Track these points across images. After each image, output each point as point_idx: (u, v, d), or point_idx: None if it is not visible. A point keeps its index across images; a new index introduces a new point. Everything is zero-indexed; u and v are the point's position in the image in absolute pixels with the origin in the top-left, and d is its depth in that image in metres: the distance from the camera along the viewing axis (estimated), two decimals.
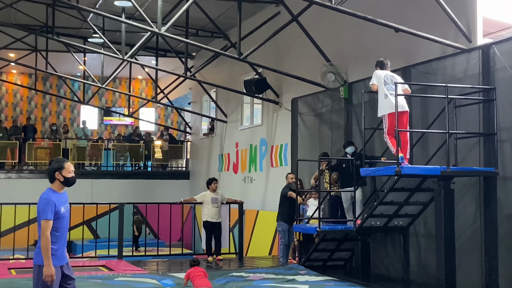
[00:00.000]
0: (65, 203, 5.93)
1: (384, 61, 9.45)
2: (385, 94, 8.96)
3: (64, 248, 5.91)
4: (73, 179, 5.94)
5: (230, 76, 18.49)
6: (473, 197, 9.17)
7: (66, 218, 5.89)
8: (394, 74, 9.32)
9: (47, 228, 5.70)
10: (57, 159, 6.16)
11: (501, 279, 8.62)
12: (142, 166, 23.41)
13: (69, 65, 23.64)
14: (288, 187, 12.27)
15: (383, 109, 9.04)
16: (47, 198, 5.79)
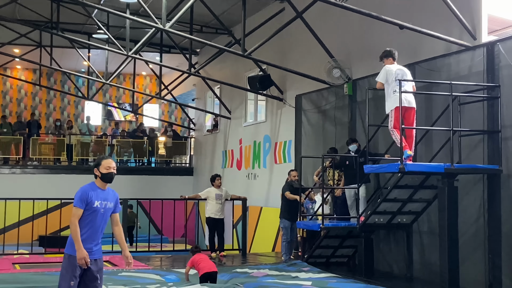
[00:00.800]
0: (104, 200, 6.03)
1: (393, 51, 9.24)
2: (394, 90, 8.81)
3: (92, 243, 5.96)
4: (110, 175, 6.11)
5: (234, 73, 18.50)
6: (476, 194, 9.17)
7: (100, 213, 5.98)
8: (404, 68, 9.18)
9: (74, 214, 5.89)
10: (100, 156, 6.30)
11: (504, 277, 8.63)
12: (146, 162, 23.45)
13: (73, 61, 23.68)
14: (290, 185, 12.27)
15: (393, 104, 8.81)
16: (82, 188, 6.03)
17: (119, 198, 6.32)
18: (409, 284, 9.53)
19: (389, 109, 8.95)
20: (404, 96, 8.73)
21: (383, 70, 9.10)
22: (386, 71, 9.04)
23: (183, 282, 9.17)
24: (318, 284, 9.09)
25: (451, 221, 8.58)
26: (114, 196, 6.17)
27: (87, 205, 5.90)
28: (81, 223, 5.90)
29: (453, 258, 8.54)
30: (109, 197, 6.09)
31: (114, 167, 6.14)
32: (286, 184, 12.41)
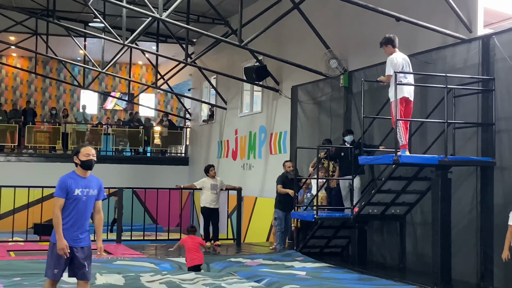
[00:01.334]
0: (85, 187, 6.08)
1: (393, 37, 9.07)
2: (399, 81, 8.69)
3: (78, 231, 6.05)
4: (89, 162, 6.14)
5: (230, 63, 18.51)
6: (470, 186, 9.24)
7: (82, 201, 6.05)
8: (407, 57, 9.05)
9: (55, 205, 5.97)
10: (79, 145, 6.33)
11: (496, 268, 8.72)
12: (141, 151, 23.47)
13: (69, 49, 23.64)
14: (284, 176, 12.31)
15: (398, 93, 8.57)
16: (61, 177, 6.08)
17: (114, 187, 6.35)
18: (402, 275, 9.61)
19: (393, 98, 8.68)
20: (408, 88, 8.76)
21: (389, 62, 8.85)
22: (392, 63, 8.79)
23: (178, 271, 9.23)
24: (312, 274, 9.16)
25: (444, 212, 8.65)
26: (97, 183, 6.22)
27: (67, 194, 5.98)
28: (65, 212, 5.98)
29: (445, 249, 8.62)
30: (91, 185, 6.13)
31: (93, 154, 6.19)
32: (281, 175, 12.45)
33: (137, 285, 7.97)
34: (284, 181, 12.23)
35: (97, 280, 8.22)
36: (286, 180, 12.20)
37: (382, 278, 8.94)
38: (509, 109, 8.73)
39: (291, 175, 12.15)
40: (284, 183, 12.19)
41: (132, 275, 8.66)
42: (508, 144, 8.73)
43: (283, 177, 12.31)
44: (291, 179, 12.06)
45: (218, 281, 8.34)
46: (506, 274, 8.58)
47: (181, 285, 8.06)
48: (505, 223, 8.57)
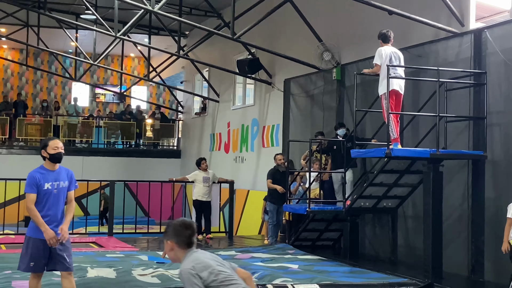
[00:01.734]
0: (55, 180, 6.08)
1: (387, 33, 9.12)
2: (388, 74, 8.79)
3: (51, 224, 6.03)
4: (58, 155, 6.11)
5: (223, 56, 18.47)
6: (461, 180, 9.28)
7: (53, 195, 6.06)
8: (398, 51, 9.10)
9: (27, 201, 6.00)
10: (46, 138, 6.29)
11: (487, 261, 8.77)
12: (133, 144, 23.41)
13: (60, 41, 23.50)
14: (276, 169, 12.29)
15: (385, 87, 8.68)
16: (30, 174, 6.09)
17: (106, 179, 6.35)
18: (393, 267, 9.64)
19: (382, 92, 8.81)
20: (397, 81, 8.77)
21: (377, 52, 8.95)
22: (380, 53, 8.89)
23: (170, 264, 9.20)
24: (304, 267, 9.18)
25: (436, 205, 8.68)
26: (67, 174, 6.21)
27: (37, 189, 5.99)
28: (37, 206, 6.00)
29: (437, 242, 8.65)
30: (61, 177, 6.13)
31: (61, 147, 6.15)
32: (272, 168, 12.43)
33: (129, 278, 7.95)
34: (275, 174, 12.22)
35: (88, 273, 8.20)
36: (277, 174, 12.19)
37: (374, 271, 8.97)
38: (501, 103, 8.76)
39: (282, 168, 12.14)
40: (274, 177, 12.18)
41: (124, 269, 8.64)
42: (499, 138, 8.77)
43: (274, 171, 12.29)
44: (282, 172, 12.05)
45: None
46: (496, 267, 8.63)
47: (173, 278, 8.05)
48: (496, 216, 8.63)
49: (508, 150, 8.61)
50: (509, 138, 8.62)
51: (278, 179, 12.11)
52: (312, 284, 7.63)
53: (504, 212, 8.51)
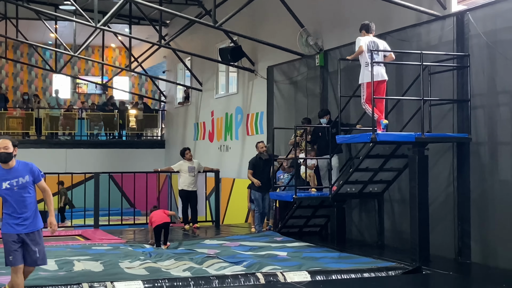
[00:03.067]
0: (13, 178, 6.08)
1: (370, 24, 9.21)
2: (366, 62, 8.86)
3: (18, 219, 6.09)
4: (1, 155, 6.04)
5: (205, 44, 18.35)
6: (446, 162, 9.31)
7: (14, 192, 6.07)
8: (377, 40, 9.15)
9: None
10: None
11: (473, 242, 8.82)
12: (116, 135, 23.25)
13: (40, 33, 23.21)
14: (258, 157, 12.25)
15: (365, 77, 8.88)
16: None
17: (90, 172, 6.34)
18: (381, 252, 9.68)
19: (361, 81, 9.00)
20: (377, 69, 8.78)
21: (357, 40, 9.10)
22: (359, 42, 9.02)
23: (155, 256, 9.16)
24: (293, 254, 9.19)
25: (421, 189, 8.70)
26: (26, 168, 6.17)
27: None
28: (3, 203, 6.09)
29: (423, 225, 8.68)
30: (19, 173, 6.11)
31: (5, 146, 6.08)
32: (254, 157, 12.38)
33: (116, 270, 7.90)
34: (257, 163, 12.17)
35: (75, 267, 8.14)
36: (259, 162, 12.15)
37: (361, 256, 9.00)
38: (484, 85, 8.78)
39: (264, 156, 12.12)
40: (256, 166, 12.13)
41: (111, 261, 8.59)
42: (483, 120, 8.80)
43: (256, 159, 12.24)
44: (264, 160, 12.03)
45: (199, 265, 8.32)
46: (483, 249, 8.69)
47: (161, 269, 8.02)
48: (481, 198, 8.69)
49: (492, 132, 8.65)
50: (493, 120, 8.65)
51: (261, 168, 12.07)
52: (301, 271, 7.64)
53: (489, 194, 8.60)
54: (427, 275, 7.89)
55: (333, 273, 7.65)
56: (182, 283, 7.11)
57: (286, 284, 7.18)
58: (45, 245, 6.50)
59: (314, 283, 7.24)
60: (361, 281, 7.48)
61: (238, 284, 7.19)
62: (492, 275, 7.95)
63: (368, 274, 7.75)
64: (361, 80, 9.04)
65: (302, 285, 7.08)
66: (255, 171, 12.11)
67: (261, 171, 12.03)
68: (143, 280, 7.09)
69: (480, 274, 8.17)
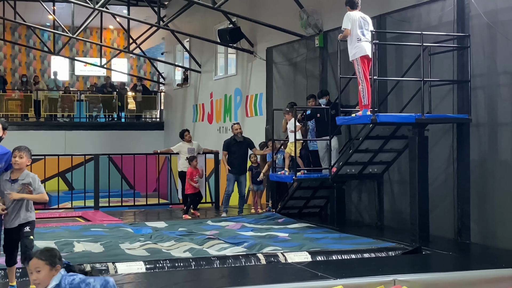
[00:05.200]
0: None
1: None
2: (358, 38, 8.77)
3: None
4: None
5: (203, 26, 18.26)
6: (446, 143, 9.32)
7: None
8: (366, 16, 9.04)
9: None
10: None
11: (473, 223, 8.86)
12: (115, 117, 23.22)
13: (38, 15, 23.07)
14: (232, 139, 12.22)
15: (358, 52, 8.75)
16: None
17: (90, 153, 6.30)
18: (380, 232, 9.73)
19: (354, 57, 8.85)
20: (366, 45, 8.72)
21: (346, 17, 8.90)
22: (349, 18, 8.85)
23: (156, 237, 9.19)
24: (294, 235, 9.24)
25: (421, 170, 8.72)
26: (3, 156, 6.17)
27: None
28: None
29: (423, 206, 8.71)
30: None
31: None
32: (229, 138, 12.37)
33: (117, 252, 7.94)
34: (230, 145, 12.18)
35: (75, 248, 8.16)
36: (233, 144, 12.16)
37: (361, 237, 9.04)
38: (484, 66, 8.76)
39: (239, 138, 12.12)
40: (230, 148, 12.16)
41: (112, 242, 8.62)
42: (483, 101, 8.79)
43: (230, 141, 12.24)
44: (239, 142, 12.07)
45: (199, 246, 8.35)
46: (482, 229, 8.73)
47: (161, 250, 8.06)
48: (481, 179, 8.71)
49: (492, 112, 8.65)
50: (493, 100, 8.65)
51: (235, 150, 12.10)
52: (301, 252, 7.68)
53: (489, 174, 8.62)
54: (427, 255, 7.93)
55: (333, 253, 7.69)
56: (183, 263, 7.15)
57: (286, 265, 7.22)
58: (45, 226, 6.54)
59: (314, 263, 7.28)
60: (361, 261, 7.52)
61: (239, 264, 7.23)
62: (491, 255, 8.00)
63: (368, 254, 7.79)
64: (354, 56, 8.82)
65: (302, 265, 7.12)
66: (230, 152, 12.14)
67: (234, 154, 12.04)
68: (144, 261, 7.12)
69: (479, 254, 8.21)
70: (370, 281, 6.27)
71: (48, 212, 13.10)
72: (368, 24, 8.92)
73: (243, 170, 11.93)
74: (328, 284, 6.15)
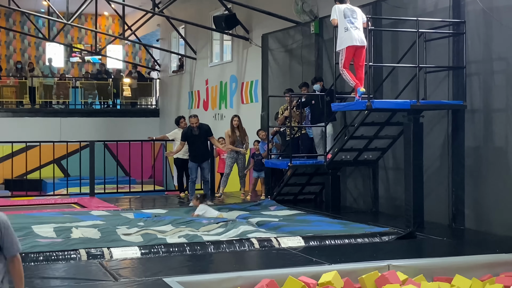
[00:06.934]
0: None
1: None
2: (345, 28, 8.82)
3: None
4: None
5: (199, 12, 18.19)
6: (441, 130, 9.34)
7: None
8: (354, 7, 9.10)
9: None
10: None
11: (467, 209, 8.90)
12: (111, 104, 23.17)
13: (32, 1, 22.91)
14: (189, 130, 12.10)
15: (343, 42, 8.82)
16: None
17: (85, 140, 6.24)
18: (375, 218, 9.77)
19: (340, 47, 8.89)
20: (356, 34, 8.72)
21: (333, 9, 9.03)
22: (335, 9, 8.97)
23: (152, 223, 9.21)
24: (286, 218, 9.27)
25: (416, 156, 8.75)
26: None
27: None
28: None
29: (418, 192, 8.75)
30: None
31: None
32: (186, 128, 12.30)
33: (114, 237, 7.94)
34: (188, 134, 12.08)
35: (72, 234, 8.18)
36: (190, 135, 12.06)
37: (356, 222, 9.07)
38: (480, 52, 8.77)
39: (195, 131, 12.00)
40: (188, 137, 12.06)
41: (108, 228, 8.63)
42: (478, 87, 8.80)
43: (187, 132, 12.13)
44: (195, 135, 11.95)
45: (194, 231, 8.37)
46: (476, 215, 8.78)
47: (157, 236, 8.07)
48: (476, 165, 8.74)
49: (487, 99, 8.66)
50: (488, 87, 8.66)
51: (193, 140, 12.04)
52: (295, 237, 7.70)
53: (483, 160, 8.65)
54: (421, 240, 7.97)
55: (327, 238, 7.71)
56: (178, 248, 7.17)
57: (280, 250, 7.24)
58: (41, 212, 6.50)
59: (308, 248, 7.30)
60: (355, 246, 7.55)
61: (233, 249, 7.25)
62: (485, 240, 8.04)
63: (362, 239, 7.81)
64: (340, 46, 8.90)
65: (297, 250, 7.14)
66: (189, 142, 12.09)
67: (195, 143, 12.01)
68: (139, 246, 7.14)
69: (473, 240, 8.25)
70: (364, 266, 6.29)
71: (43, 199, 13.10)
72: (355, 13, 8.91)
73: (205, 157, 11.98)
74: (322, 269, 6.17)
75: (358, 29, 8.80)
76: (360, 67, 8.92)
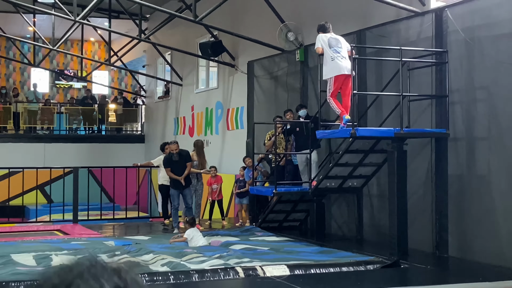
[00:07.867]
0: None
1: (326, 24, 9.47)
2: (331, 57, 9.00)
3: None
4: None
5: (185, 39, 18.28)
6: (425, 157, 9.39)
7: None
8: (338, 37, 9.29)
9: None
10: None
11: (451, 236, 8.92)
12: (96, 130, 23.09)
13: (18, 26, 22.94)
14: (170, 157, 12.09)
15: (330, 71, 9.05)
16: None
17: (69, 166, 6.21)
18: (360, 246, 9.75)
19: (327, 76, 9.09)
20: (344, 64, 8.87)
21: (317, 38, 9.28)
22: (320, 39, 9.22)
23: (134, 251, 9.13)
24: (274, 247, 9.22)
25: (400, 184, 8.78)
26: None
27: None
28: None
29: (402, 220, 8.76)
30: None
31: None
32: (167, 155, 12.24)
33: None
34: (170, 161, 12.05)
35: (52, 262, 8.08)
36: (171, 161, 12.04)
37: (341, 250, 9.05)
38: (462, 81, 8.87)
39: (175, 157, 12.00)
40: (171, 163, 12.02)
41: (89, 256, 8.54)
42: (461, 116, 8.89)
43: (169, 158, 12.11)
44: (175, 161, 11.93)
45: (177, 259, 8.30)
46: (460, 243, 8.79)
47: (139, 264, 7.99)
48: (459, 193, 8.78)
49: (469, 127, 8.74)
50: (470, 115, 8.75)
51: (175, 166, 11.99)
52: (280, 265, 7.66)
53: (466, 188, 8.69)
54: (405, 269, 7.96)
55: (311, 267, 7.68)
56: (162, 277, 7.10)
57: (265, 278, 7.19)
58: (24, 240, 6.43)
59: (293, 277, 7.27)
60: (340, 275, 7.53)
61: (218, 278, 7.20)
62: (469, 268, 8.05)
63: (347, 268, 7.80)
64: (327, 76, 9.11)
65: (281, 279, 7.10)
66: (171, 168, 12.06)
67: (176, 169, 11.95)
68: None
69: (457, 268, 8.27)
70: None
71: (26, 226, 12.96)
72: (340, 42, 9.09)
73: (186, 184, 11.90)
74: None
75: (344, 58, 8.95)
76: (347, 95, 9.02)
